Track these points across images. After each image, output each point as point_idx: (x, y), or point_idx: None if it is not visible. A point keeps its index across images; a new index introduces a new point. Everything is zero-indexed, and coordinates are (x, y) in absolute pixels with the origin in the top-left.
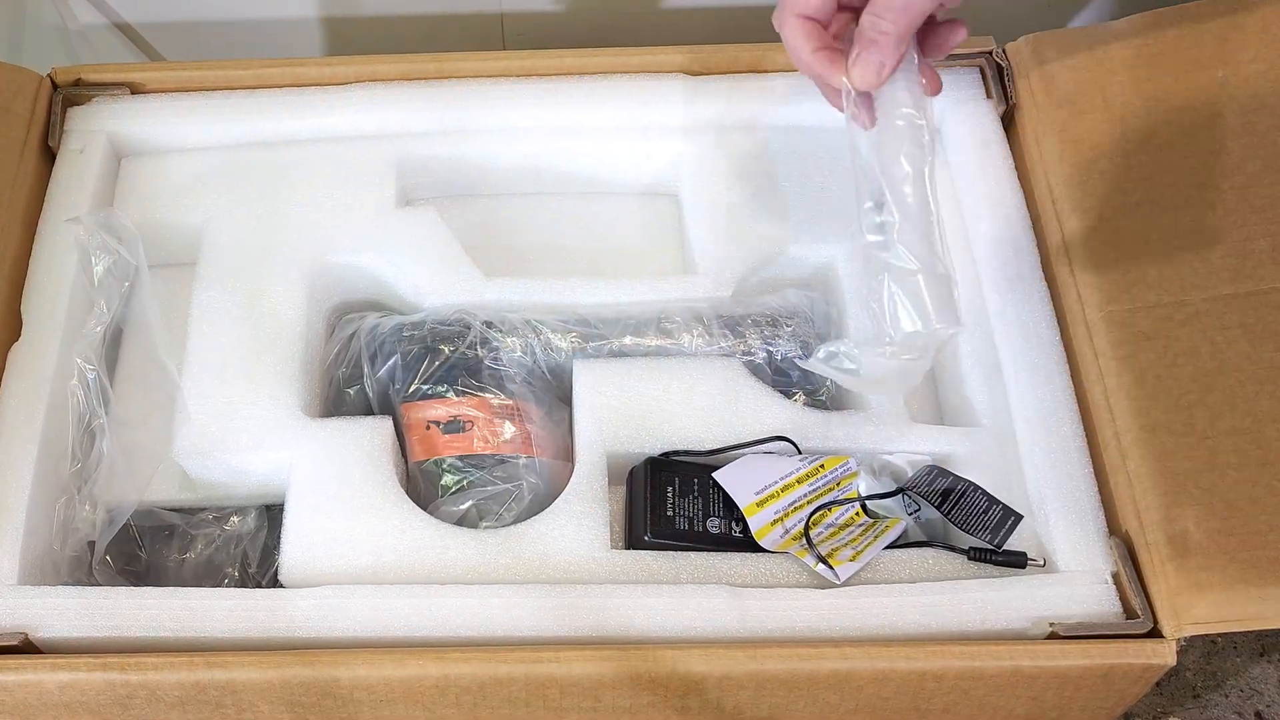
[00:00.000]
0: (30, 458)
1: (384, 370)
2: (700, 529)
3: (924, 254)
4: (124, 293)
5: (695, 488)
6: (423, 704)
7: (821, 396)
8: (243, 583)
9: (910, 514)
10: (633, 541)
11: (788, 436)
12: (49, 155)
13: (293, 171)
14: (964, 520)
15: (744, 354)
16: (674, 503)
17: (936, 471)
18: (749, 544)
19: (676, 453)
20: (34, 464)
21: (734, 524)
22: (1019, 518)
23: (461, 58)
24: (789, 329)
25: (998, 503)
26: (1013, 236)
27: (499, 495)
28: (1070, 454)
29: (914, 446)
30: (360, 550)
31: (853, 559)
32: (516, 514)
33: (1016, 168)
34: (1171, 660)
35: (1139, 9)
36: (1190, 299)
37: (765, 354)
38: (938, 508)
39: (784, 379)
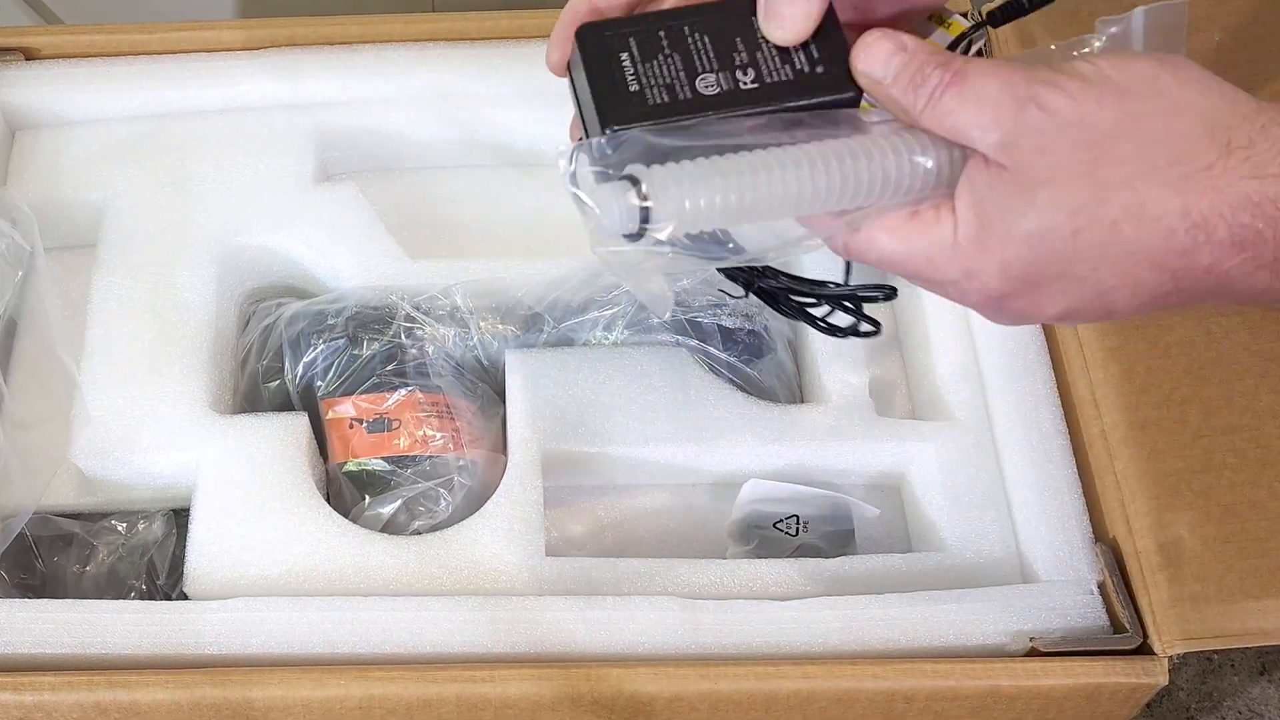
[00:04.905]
0: None
1: (304, 364)
2: (687, 94)
3: None
4: (18, 281)
5: (664, 42)
6: None
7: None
8: (150, 595)
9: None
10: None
11: None
12: None
13: (202, 145)
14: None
15: (689, 321)
16: (636, 72)
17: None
18: (773, 92)
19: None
20: None
21: (740, 73)
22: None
23: (386, 20)
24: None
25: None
26: None
27: (427, 499)
28: (1053, 453)
29: (880, 442)
30: (274, 559)
31: None
32: (446, 518)
33: None
34: (1163, 679)
35: None
36: None
37: (715, 326)
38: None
39: (733, 346)
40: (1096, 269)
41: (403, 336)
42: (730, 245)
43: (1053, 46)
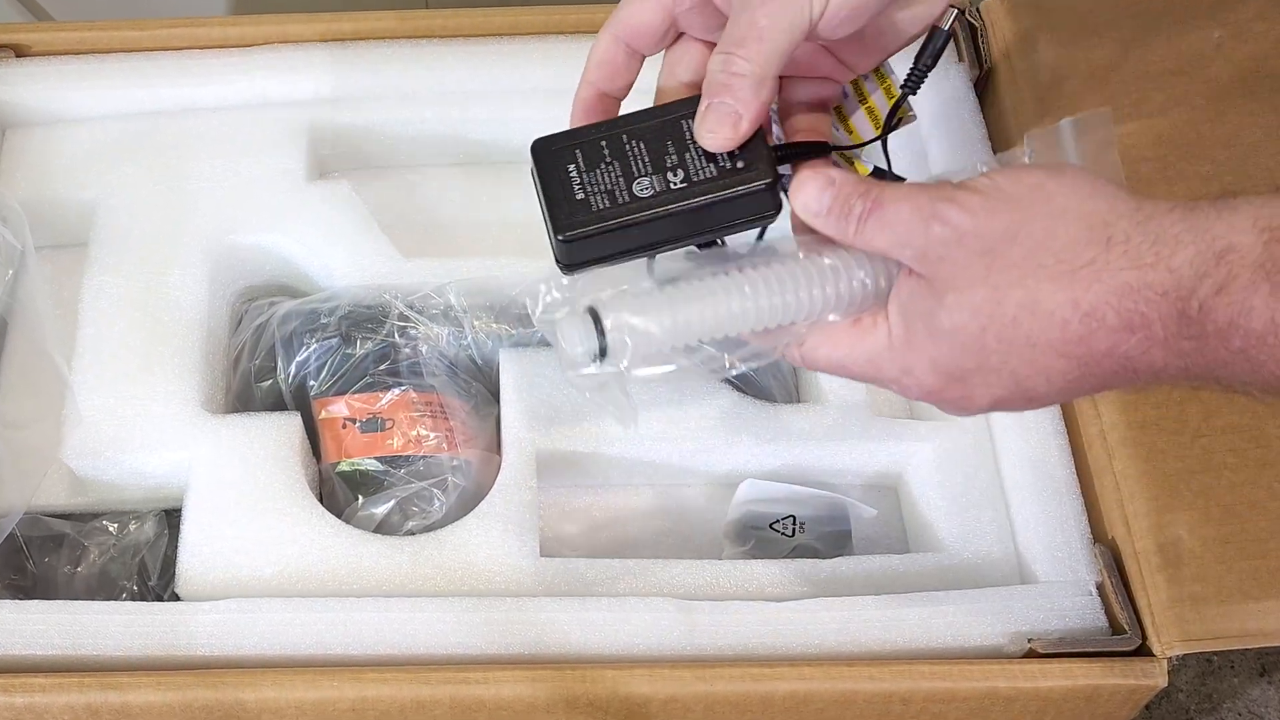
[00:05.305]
0: None
1: (296, 363)
2: (626, 198)
3: None
4: (9, 280)
5: (605, 151)
6: None
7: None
8: (142, 596)
9: None
10: (560, 260)
11: None
12: None
13: (194, 143)
14: None
15: None
16: (582, 181)
17: None
18: (700, 188)
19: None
20: None
21: (671, 174)
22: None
23: (380, 17)
24: None
25: None
26: None
27: (421, 499)
28: (1051, 453)
29: (877, 442)
30: (266, 560)
31: None
32: (440, 519)
33: (990, 139)
34: (1163, 681)
35: None
36: None
37: None
38: None
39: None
40: (1007, 360)
41: (396, 335)
42: (688, 360)
43: (982, 169)
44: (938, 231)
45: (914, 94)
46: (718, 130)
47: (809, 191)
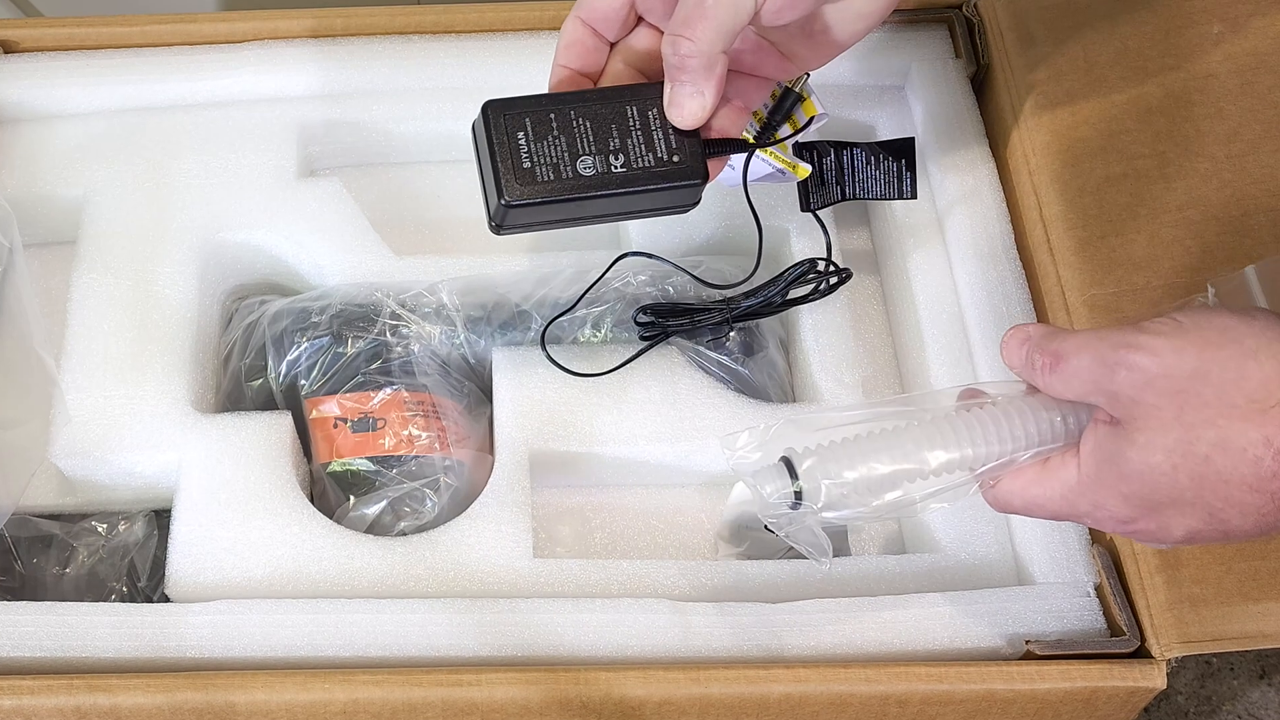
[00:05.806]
0: None
1: (287, 362)
2: (569, 174)
3: None
4: None
5: (554, 125)
6: None
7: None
8: (131, 597)
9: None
10: (495, 220)
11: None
12: None
13: (184, 139)
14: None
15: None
16: (530, 150)
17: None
18: (638, 176)
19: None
20: None
21: (613, 157)
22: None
23: (371, 13)
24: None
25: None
26: (984, 213)
27: (413, 499)
28: None
29: None
30: (257, 560)
31: None
32: (432, 519)
33: (988, 136)
34: (1161, 683)
35: None
36: (1182, 282)
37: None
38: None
39: (724, 344)
40: (1200, 495)
41: (388, 334)
42: (878, 500)
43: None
44: (1125, 377)
45: (762, 148)
46: (684, 109)
47: (1011, 348)
